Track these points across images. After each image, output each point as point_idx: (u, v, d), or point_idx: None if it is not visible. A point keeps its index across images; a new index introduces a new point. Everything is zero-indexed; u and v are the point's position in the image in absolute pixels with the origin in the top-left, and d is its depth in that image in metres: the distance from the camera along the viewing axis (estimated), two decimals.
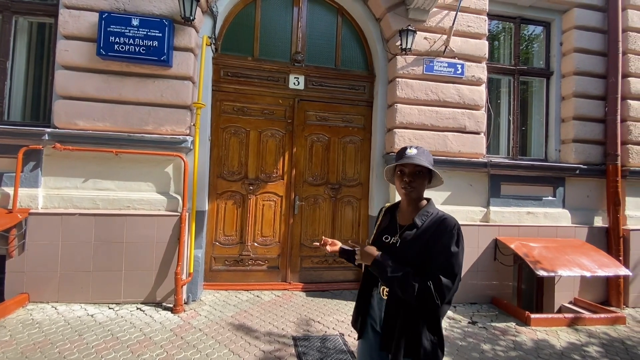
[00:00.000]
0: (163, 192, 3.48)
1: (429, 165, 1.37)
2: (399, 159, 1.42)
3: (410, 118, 3.94)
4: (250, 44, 4.06)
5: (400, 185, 1.42)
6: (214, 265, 3.96)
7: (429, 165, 1.37)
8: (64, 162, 3.31)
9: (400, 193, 1.45)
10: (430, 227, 1.35)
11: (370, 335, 1.50)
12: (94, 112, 3.31)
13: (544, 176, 4.27)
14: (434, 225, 1.35)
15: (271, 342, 2.79)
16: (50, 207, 3.25)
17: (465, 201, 4.07)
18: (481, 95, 4.14)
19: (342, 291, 4.10)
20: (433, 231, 1.33)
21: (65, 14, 3.29)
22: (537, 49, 4.87)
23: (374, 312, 1.48)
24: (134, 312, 3.16)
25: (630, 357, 2.94)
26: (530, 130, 4.77)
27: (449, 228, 1.31)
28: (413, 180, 1.40)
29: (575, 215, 4.31)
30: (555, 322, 3.48)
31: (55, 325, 2.81)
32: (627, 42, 4.39)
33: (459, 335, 3.15)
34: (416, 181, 1.40)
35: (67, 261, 3.20)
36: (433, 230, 1.33)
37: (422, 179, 1.41)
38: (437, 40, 4.03)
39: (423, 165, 1.36)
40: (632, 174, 4.30)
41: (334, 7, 4.27)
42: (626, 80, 4.37)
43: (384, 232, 1.50)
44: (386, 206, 1.64)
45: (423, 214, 1.41)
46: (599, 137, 4.38)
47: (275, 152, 4.12)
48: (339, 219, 4.28)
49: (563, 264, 3.54)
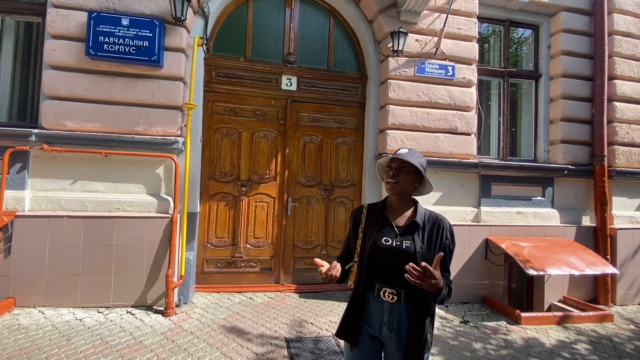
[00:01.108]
0: (154, 193, 3.44)
1: (417, 164, 1.39)
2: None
3: (402, 119, 3.97)
4: (243, 44, 4.04)
5: (386, 179, 1.46)
6: (205, 268, 3.93)
7: (415, 163, 1.39)
8: (51, 164, 3.25)
9: (386, 188, 1.47)
10: (428, 225, 1.42)
11: (366, 342, 1.43)
12: (82, 113, 3.26)
13: (534, 176, 4.34)
14: (432, 224, 1.42)
15: (264, 345, 2.77)
16: (38, 209, 3.18)
17: (456, 201, 4.12)
18: (472, 96, 4.19)
19: (335, 292, 4.10)
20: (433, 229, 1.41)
21: (53, 13, 3.24)
22: (526, 51, 4.95)
23: (370, 317, 1.42)
24: (124, 315, 3.11)
25: (618, 354, 3.00)
26: (520, 132, 4.85)
27: (448, 228, 1.42)
28: (397, 175, 1.42)
29: (564, 215, 4.38)
30: (545, 320, 3.53)
31: (43, 330, 2.75)
32: (613, 45, 4.49)
33: (451, 334, 3.17)
34: (400, 176, 1.42)
35: (55, 264, 3.14)
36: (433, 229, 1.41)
37: (407, 176, 1.42)
38: (428, 42, 4.07)
39: (408, 161, 1.38)
40: (619, 174, 4.39)
41: (326, 9, 4.28)
42: (612, 83, 4.47)
43: (382, 235, 1.42)
44: (366, 206, 1.56)
45: (419, 213, 1.44)
46: (586, 138, 4.47)
47: (268, 153, 4.10)
48: (332, 220, 4.28)
49: (552, 263, 3.60)
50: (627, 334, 3.41)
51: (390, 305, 1.39)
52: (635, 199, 4.56)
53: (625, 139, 4.45)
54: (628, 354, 3.01)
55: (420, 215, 1.43)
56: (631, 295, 4.31)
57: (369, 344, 1.43)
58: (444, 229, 1.40)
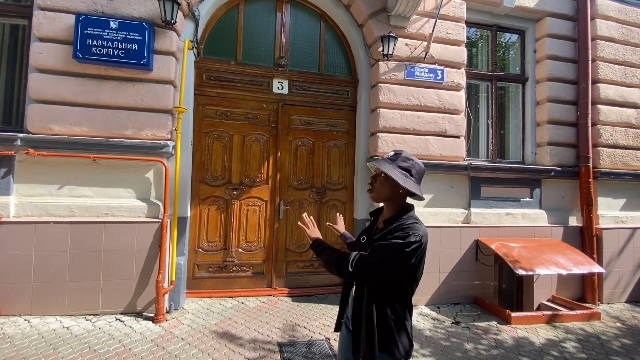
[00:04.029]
0: (143, 198, 3.39)
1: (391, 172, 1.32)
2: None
3: (393, 122, 4.01)
4: (233, 48, 4.04)
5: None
6: (197, 273, 3.88)
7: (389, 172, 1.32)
8: (37, 169, 3.19)
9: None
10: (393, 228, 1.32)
11: (344, 333, 1.56)
12: (70, 117, 3.21)
13: (522, 178, 4.41)
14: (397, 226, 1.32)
15: (256, 349, 2.75)
16: (23, 215, 3.11)
17: (447, 203, 4.16)
18: (461, 100, 4.26)
19: (328, 295, 4.09)
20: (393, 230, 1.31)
21: (40, 16, 3.19)
22: (513, 55, 5.05)
23: (349, 311, 1.53)
24: (113, 323, 3.05)
25: (605, 351, 3.06)
26: (508, 134, 4.93)
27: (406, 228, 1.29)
28: (374, 181, 1.42)
29: (552, 216, 4.47)
30: (534, 319, 3.58)
31: (29, 339, 2.68)
32: (596, 50, 4.62)
33: (443, 335, 3.20)
34: (375, 183, 1.42)
35: (41, 272, 3.06)
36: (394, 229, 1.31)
37: (383, 184, 1.38)
38: (417, 46, 4.13)
39: (379, 169, 1.36)
40: (603, 175, 4.50)
41: (317, 13, 4.31)
42: (596, 86, 4.59)
43: (363, 233, 1.58)
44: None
45: (394, 218, 1.37)
46: (572, 140, 4.58)
47: (260, 156, 4.09)
48: (324, 223, 4.24)
49: (541, 263, 3.66)
50: (614, 331, 3.49)
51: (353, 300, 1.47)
52: (620, 199, 4.68)
53: (609, 141, 4.58)
54: (615, 351, 3.07)
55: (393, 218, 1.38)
56: (617, 294, 4.40)
57: (345, 334, 1.54)
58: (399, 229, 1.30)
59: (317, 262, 4.22)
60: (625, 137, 4.65)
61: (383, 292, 1.32)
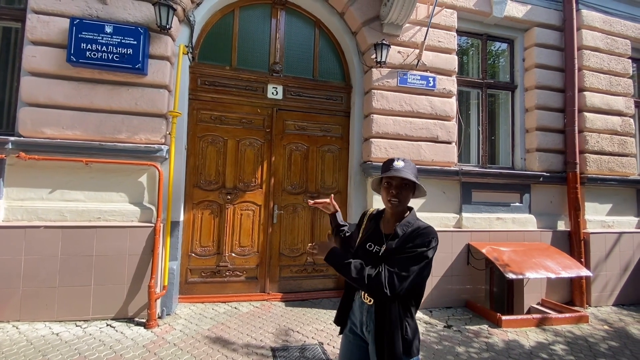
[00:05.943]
0: (136, 202, 3.38)
1: (415, 178, 1.43)
2: (385, 171, 1.45)
3: (386, 128, 4.07)
4: (228, 53, 4.07)
5: (387, 198, 1.46)
6: (189, 278, 3.86)
7: (415, 179, 1.42)
8: (28, 172, 3.16)
9: (386, 205, 1.50)
10: (409, 235, 1.39)
11: (350, 335, 1.54)
12: (62, 120, 3.20)
13: (512, 183, 4.50)
14: (412, 231, 1.40)
15: (249, 354, 2.74)
16: (13, 219, 3.07)
17: (438, 208, 4.22)
18: (452, 106, 4.34)
19: (321, 300, 4.10)
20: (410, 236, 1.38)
21: (34, 19, 3.18)
22: (503, 63, 5.18)
23: (355, 315, 1.51)
24: (104, 328, 3.01)
25: (593, 353, 3.12)
26: (499, 140, 5.04)
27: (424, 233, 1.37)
28: (399, 192, 1.44)
29: (541, 220, 4.56)
30: (524, 322, 3.63)
31: (17, 346, 2.64)
32: (582, 59, 4.76)
33: (435, 339, 3.23)
34: (402, 194, 1.44)
35: (31, 277, 3.02)
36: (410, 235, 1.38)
37: (408, 192, 1.46)
38: (410, 54, 4.21)
39: (409, 179, 1.41)
40: (590, 180, 4.61)
41: (312, 20, 4.37)
42: (582, 94, 4.72)
43: (368, 240, 1.52)
44: (370, 211, 1.67)
45: (404, 224, 1.44)
46: (559, 147, 4.69)
47: (254, 161, 4.11)
48: (318, 228, 4.30)
49: (530, 267, 3.73)
50: (602, 334, 3.56)
51: (368, 307, 1.45)
52: (606, 204, 4.79)
53: (596, 148, 4.70)
54: (602, 353, 3.13)
55: (404, 224, 1.44)
56: (605, 297, 4.50)
57: (352, 337, 1.53)
58: (418, 235, 1.37)
59: (311, 267, 4.24)
60: (611, 143, 4.78)
61: (407, 298, 1.38)
